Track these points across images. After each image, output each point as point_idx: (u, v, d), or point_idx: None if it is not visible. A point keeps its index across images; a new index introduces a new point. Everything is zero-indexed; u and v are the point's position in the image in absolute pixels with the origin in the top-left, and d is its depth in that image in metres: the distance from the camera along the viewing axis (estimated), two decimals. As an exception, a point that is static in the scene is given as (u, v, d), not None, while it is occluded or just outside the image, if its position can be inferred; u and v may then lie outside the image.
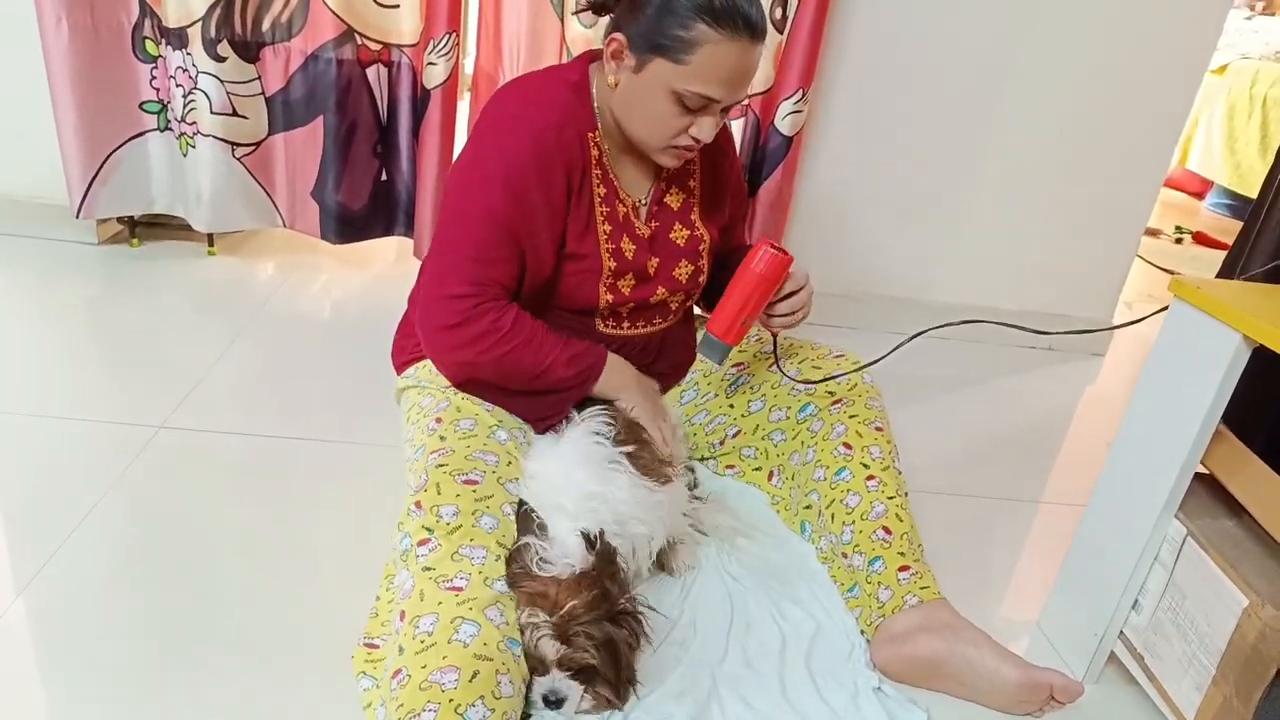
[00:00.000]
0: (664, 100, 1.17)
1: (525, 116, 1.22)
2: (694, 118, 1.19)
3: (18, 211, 2.19)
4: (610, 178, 1.29)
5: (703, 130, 1.19)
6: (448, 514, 1.09)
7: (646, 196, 1.34)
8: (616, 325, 1.37)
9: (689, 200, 1.38)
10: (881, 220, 2.29)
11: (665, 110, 1.18)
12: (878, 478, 1.32)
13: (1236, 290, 1.13)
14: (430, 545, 1.07)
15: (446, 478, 1.13)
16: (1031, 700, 1.15)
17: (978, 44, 2.11)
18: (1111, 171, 2.25)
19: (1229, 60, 4.05)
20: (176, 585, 1.23)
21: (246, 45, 2.01)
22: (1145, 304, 2.83)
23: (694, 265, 1.38)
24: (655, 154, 1.24)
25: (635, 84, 1.19)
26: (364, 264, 2.35)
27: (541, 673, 1.04)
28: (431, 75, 2.03)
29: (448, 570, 1.04)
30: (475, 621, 0.99)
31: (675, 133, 1.20)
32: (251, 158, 2.11)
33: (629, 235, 1.31)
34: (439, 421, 1.24)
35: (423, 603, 1.02)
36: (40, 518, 1.31)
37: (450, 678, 0.94)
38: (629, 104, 1.21)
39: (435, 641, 0.97)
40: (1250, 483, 1.11)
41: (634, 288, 1.33)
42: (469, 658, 0.96)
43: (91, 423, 1.54)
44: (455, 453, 1.17)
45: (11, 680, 1.06)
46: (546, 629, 1.03)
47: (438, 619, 0.99)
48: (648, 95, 1.18)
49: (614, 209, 1.30)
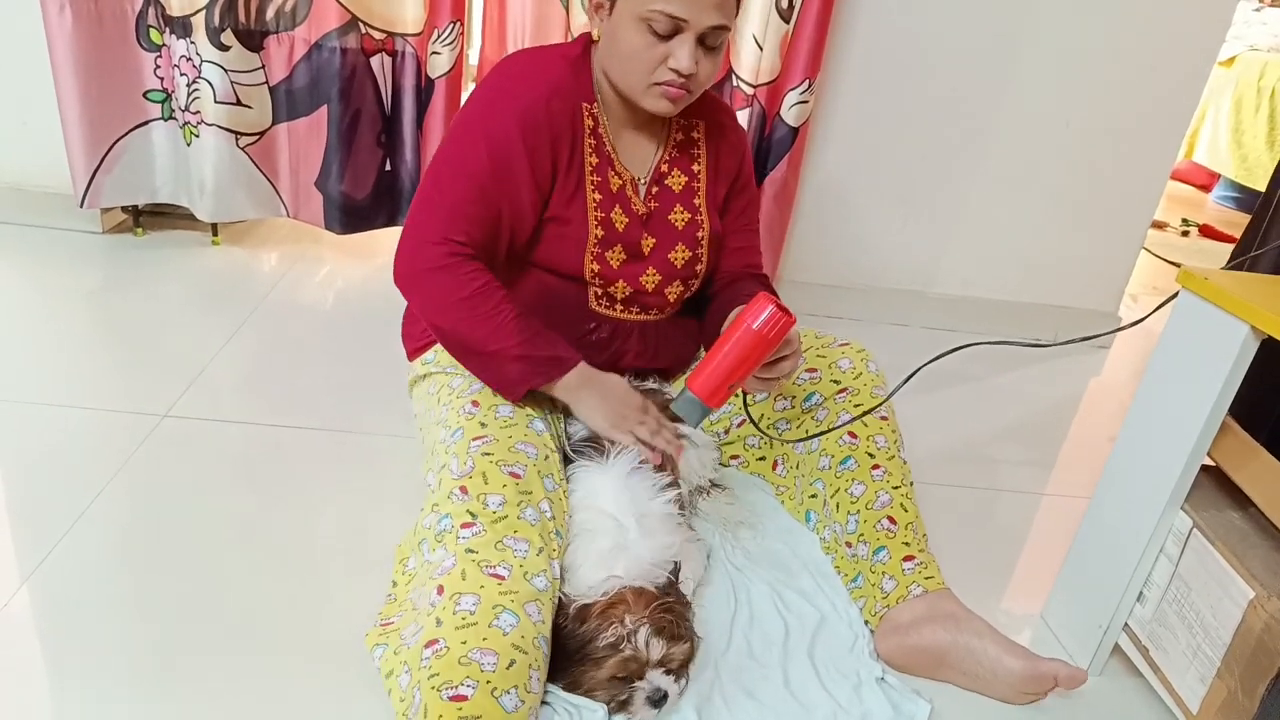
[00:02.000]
0: (635, 32, 1.18)
1: (515, 89, 1.24)
2: (667, 46, 1.18)
3: (22, 200, 2.19)
4: (606, 149, 1.30)
5: (680, 59, 1.18)
6: (494, 503, 1.09)
7: (647, 174, 1.34)
8: (610, 306, 1.36)
9: (692, 184, 1.37)
10: (886, 212, 2.28)
11: (639, 43, 1.18)
12: (883, 467, 1.32)
13: (1245, 281, 1.12)
14: (474, 529, 1.06)
15: (493, 468, 1.13)
16: (1035, 690, 1.15)
17: (984, 36, 2.10)
18: (1118, 163, 2.24)
19: (1237, 52, 4.03)
20: (179, 573, 1.23)
21: (250, 34, 2.00)
22: (1150, 297, 2.82)
23: (691, 252, 1.37)
24: (643, 98, 1.23)
25: (611, 25, 1.21)
26: (368, 254, 2.35)
27: (638, 676, 1.04)
28: (436, 65, 2.02)
29: (491, 557, 1.04)
30: (515, 613, 0.99)
31: (653, 65, 1.19)
32: (255, 147, 2.11)
33: (622, 207, 1.31)
34: (476, 405, 1.24)
35: (464, 581, 1.01)
36: (44, 506, 1.31)
37: (490, 660, 0.94)
38: (610, 51, 1.23)
39: (476, 621, 0.97)
40: (1257, 475, 1.11)
41: (624, 262, 1.33)
42: (508, 646, 0.96)
43: (95, 411, 1.54)
44: (499, 442, 1.17)
45: (16, 668, 1.06)
46: (649, 628, 1.03)
47: (479, 601, 0.99)
48: (622, 32, 1.19)
49: (606, 179, 1.30)
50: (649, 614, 1.05)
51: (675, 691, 1.06)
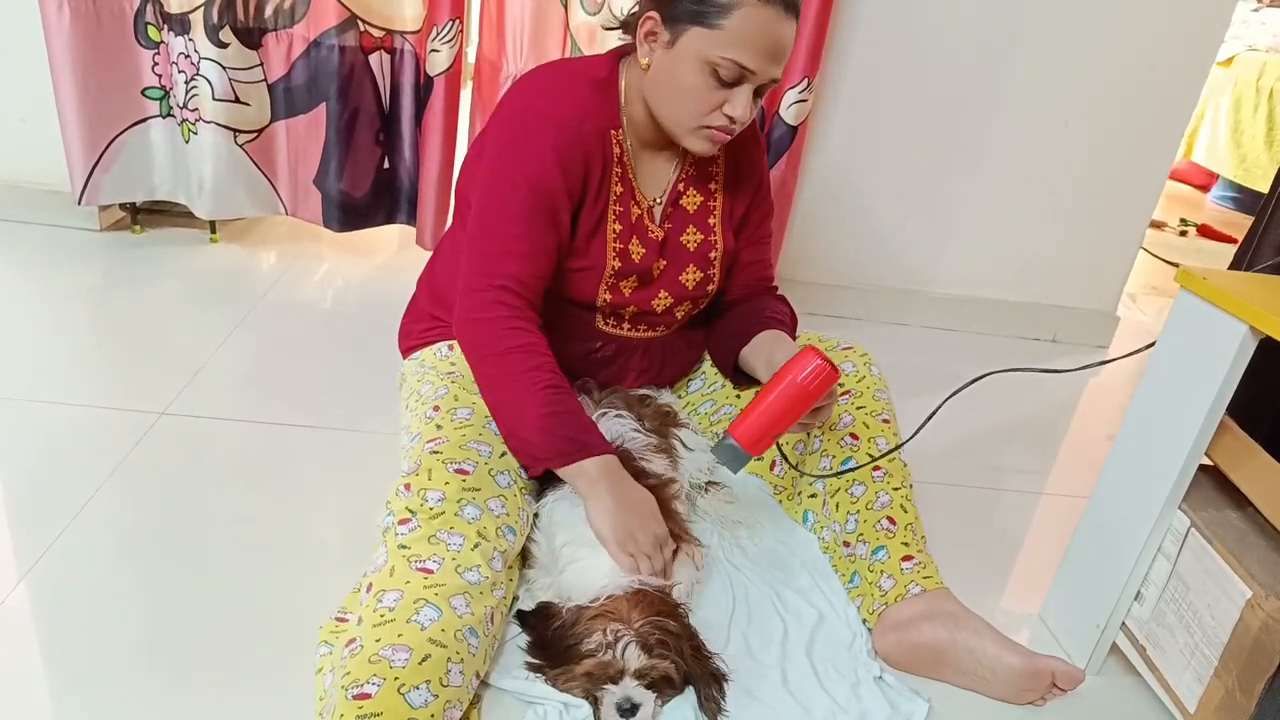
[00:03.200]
0: (697, 72, 1.14)
1: (545, 108, 1.21)
2: (728, 93, 1.16)
3: (20, 197, 2.18)
4: (629, 177, 1.28)
5: (736, 107, 1.16)
6: (433, 499, 1.09)
7: (662, 196, 1.32)
8: (617, 325, 1.36)
9: (708, 204, 1.35)
10: (885, 211, 2.28)
11: (698, 83, 1.15)
12: (883, 468, 1.32)
13: (1243, 281, 1.12)
14: (410, 525, 1.07)
15: (439, 465, 1.13)
16: (1033, 688, 1.15)
17: (984, 34, 2.10)
18: (1117, 163, 2.24)
19: (1236, 52, 4.03)
20: (176, 570, 1.23)
21: (249, 31, 2.00)
22: (1149, 296, 2.82)
23: (703, 273, 1.36)
24: (686, 137, 1.21)
25: (668, 59, 1.17)
26: (366, 252, 2.35)
27: (615, 682, 1.04)
28: (434, 62, 2.02)
29: (422, 551, 1.04)
30: (438, 606, 0.99)
31: (708, 109, 1.17)
32: (254, 145, 2.11)
33: (640, 238, 1.30)
34: (436, 410, 1.24)
35: (391, 578, 1.02)
36: (42, 503, 1.31)
37: (401, 656, 0.94)
38: (661, 83, 1.19)
39: (394, 618, 0.97)
40: (1255, 475, 1.11)
41: (635, 290, 1.32)
42: (424, 640, 0.96)
43: (93, 409, 1.54)
44: (450, 441, 1.17)
45: (13, 665, 1.06)
46: (630, 637, 1.03)
47: (401, 596, 0.99)
48: (681, 68, 1.15)
49: (627, 209, 1.28)
50: (638, 626, 1.04)
51: (650, 706, 1.03)
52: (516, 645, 1.13)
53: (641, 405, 1.37)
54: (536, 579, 1.21)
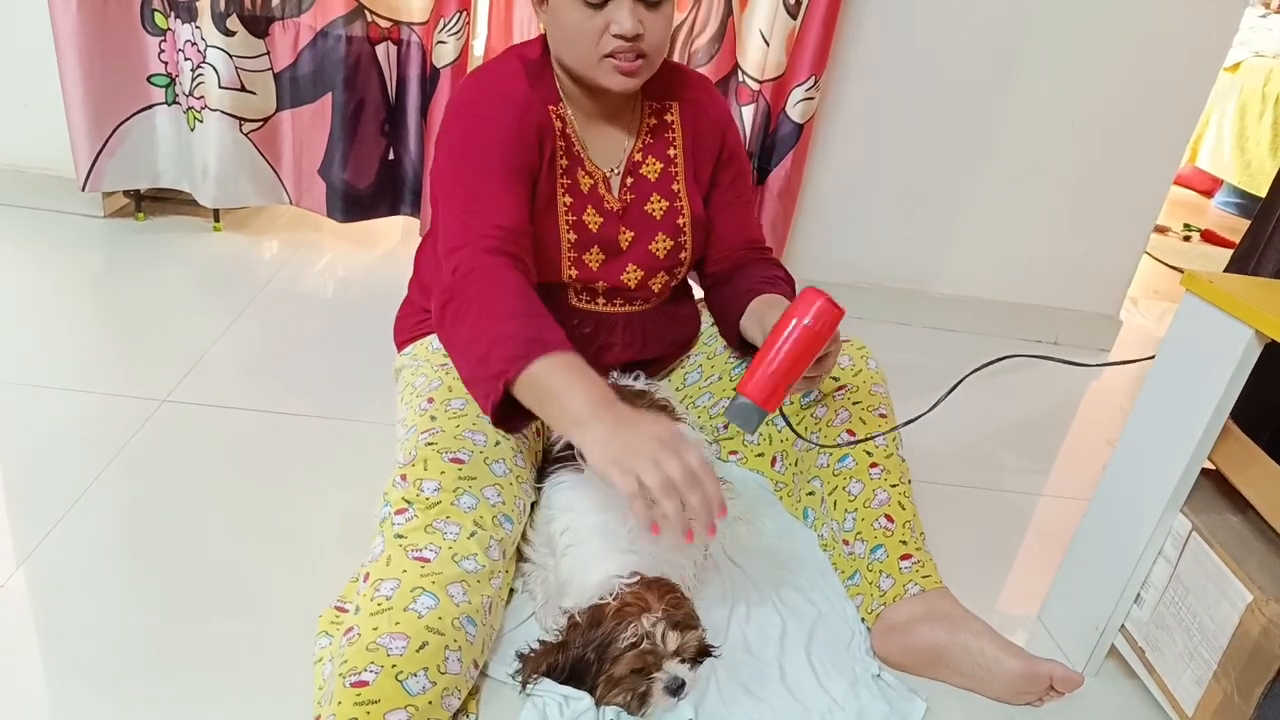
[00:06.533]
0: (571, 8, 1.16)
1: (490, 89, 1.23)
2: (605, 13, 1.15)
3: (23, 183, 2.18)
4: (575, 149, 1.28)
5: (621, 21, 1.14)
6: (429, 489, 1.09)
7: (619, 166, 1.33)
8: (591, 300, 1.35)
9: (669, 169, 1.35)
10: (890, 210, 2.27)
11: (577, 17, 1.16)
12: (881, 465, 1.31)
13: (1249, 285, 1.12)
14: (407, 515, 1.07)
15: (434, 455, 1.13)
16: (1031, 691, 1.15)
17: (991, 35, 2.09)
18: (1122, 166, 2.24)
19: (1242, 58, 4.02)
20: (177, 558, 1.23)
21: (256, 20, 1.99)
22: (1152, 300, 2.82)
23: (673, 240, 1.35)
24: (599, 76, 1.20)
25: (551, 14, 1.20)
26: (369, 243, 2.34)
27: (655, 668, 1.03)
28: (441, 54, 2.02)
29: (418, 540, 1.04)
30: (435, 595, 0.99)
31: (596, 35, 1.16)
32: (259, 134, 2.10)
33: (595, 207, 1.30)
34: (431, 402, 1.24)
35: (388, 567, 1.02)
36: (42, 489, 1.31)
37: (399, 644, 0.94)
38: (556, 36, 1.22)
39: (391, 607, 0.98)
40: (1257, 479, 1.10)
41: (603, 262, 1.32)
42: (421, 628, 0.96)
43: (95, 395, 1.54)
44: (445, 432, 1.17)
45: (12, 650, 1.06)
46: (665, 623, 1.03)
47: (399, 585, 1.00)
48: (560, 14, 1.17)
49: (576, 180, 1.29)
50: (664, 608, 1.04)
51: (691, 679, 1.05)
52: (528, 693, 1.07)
53: (637, 400, 1.36)
54: (531, 571, 1.21)
